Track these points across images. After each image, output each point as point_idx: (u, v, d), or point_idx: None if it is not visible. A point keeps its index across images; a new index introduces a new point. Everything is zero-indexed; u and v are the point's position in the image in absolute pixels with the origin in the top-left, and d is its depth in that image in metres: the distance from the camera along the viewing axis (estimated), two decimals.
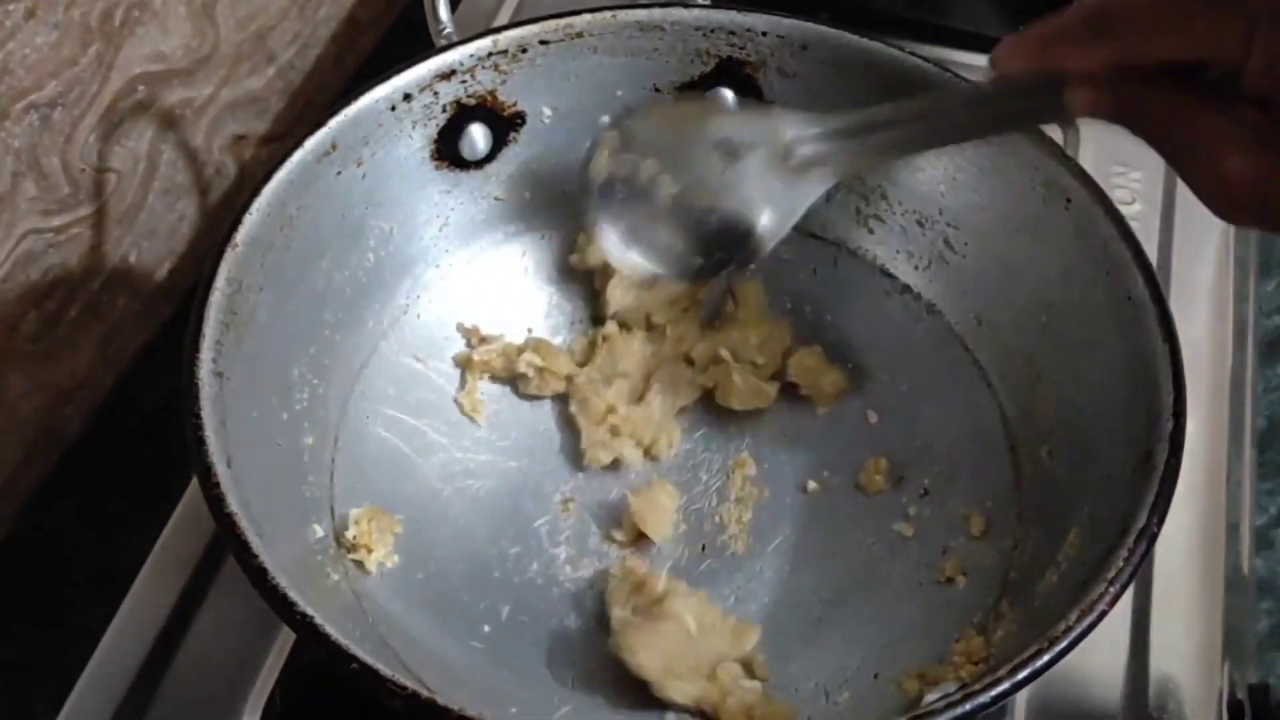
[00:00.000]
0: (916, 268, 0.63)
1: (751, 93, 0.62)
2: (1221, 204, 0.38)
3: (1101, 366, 0.54)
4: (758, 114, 0.58)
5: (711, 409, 0.62)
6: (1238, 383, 0.66)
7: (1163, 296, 0.52)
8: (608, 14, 0.60)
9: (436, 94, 0.59)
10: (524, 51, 0.60)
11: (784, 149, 0.51)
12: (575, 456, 0.61)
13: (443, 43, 0.59)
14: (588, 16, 0.60)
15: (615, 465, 0.60)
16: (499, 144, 0.62)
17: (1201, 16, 0.34)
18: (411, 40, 0.60)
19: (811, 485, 0.60)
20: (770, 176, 0.53)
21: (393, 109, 0.58)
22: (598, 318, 0.64)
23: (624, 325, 0.63)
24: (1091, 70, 0.39)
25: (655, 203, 0.55)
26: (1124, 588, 0.44)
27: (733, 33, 0.61)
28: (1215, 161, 0.37)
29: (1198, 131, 0.37)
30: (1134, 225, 0.54)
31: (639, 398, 0.61)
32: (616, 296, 0.63)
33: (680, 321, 0.63)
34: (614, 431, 0.60)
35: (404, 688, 0.41)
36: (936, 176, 0.61)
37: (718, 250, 0.55)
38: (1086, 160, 0.64)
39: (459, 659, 0.53)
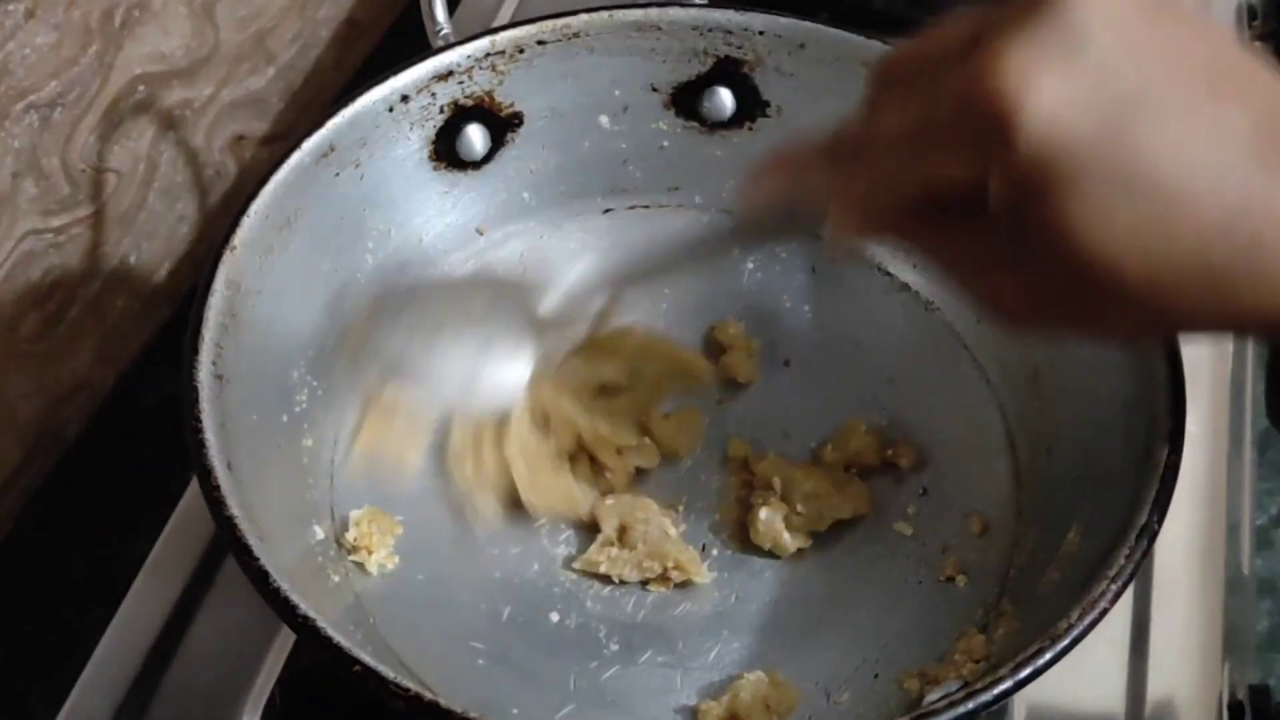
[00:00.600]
0: (915, 266, 0.63)
1: (749, 92, 0.62)
2: (999, 320, 0.38)
3: (1101, 365, 0.54)
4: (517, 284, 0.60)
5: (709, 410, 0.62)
6: (1238, 383, 0.66)
7: None
8: (605, 14, 0.60)
9: (434, 95, 0.59)
10: (521, 52, 0.60)
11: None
12: None
13: (440, 44, 0.59)
14: (585, 16, 0.60)
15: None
16: (497, 144, 0.62)
17: (940, 149, 0.34)
18: (412, 41, 0.60)
19: None
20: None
21: (390, 110, 0.58)
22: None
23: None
24: (849, 198, 0.39)
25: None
26: (1125, 586, 0.44)
27: (730, 32, 0.61)
28: (981, 282, 0.37)
29: (962, 254, 0.38)
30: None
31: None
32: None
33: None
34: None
35: (406, 690, 0.41)
36: None
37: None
38: None
39: (460, 660, 0.53)
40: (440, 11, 0.60)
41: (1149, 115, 0.32)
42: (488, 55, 0.59)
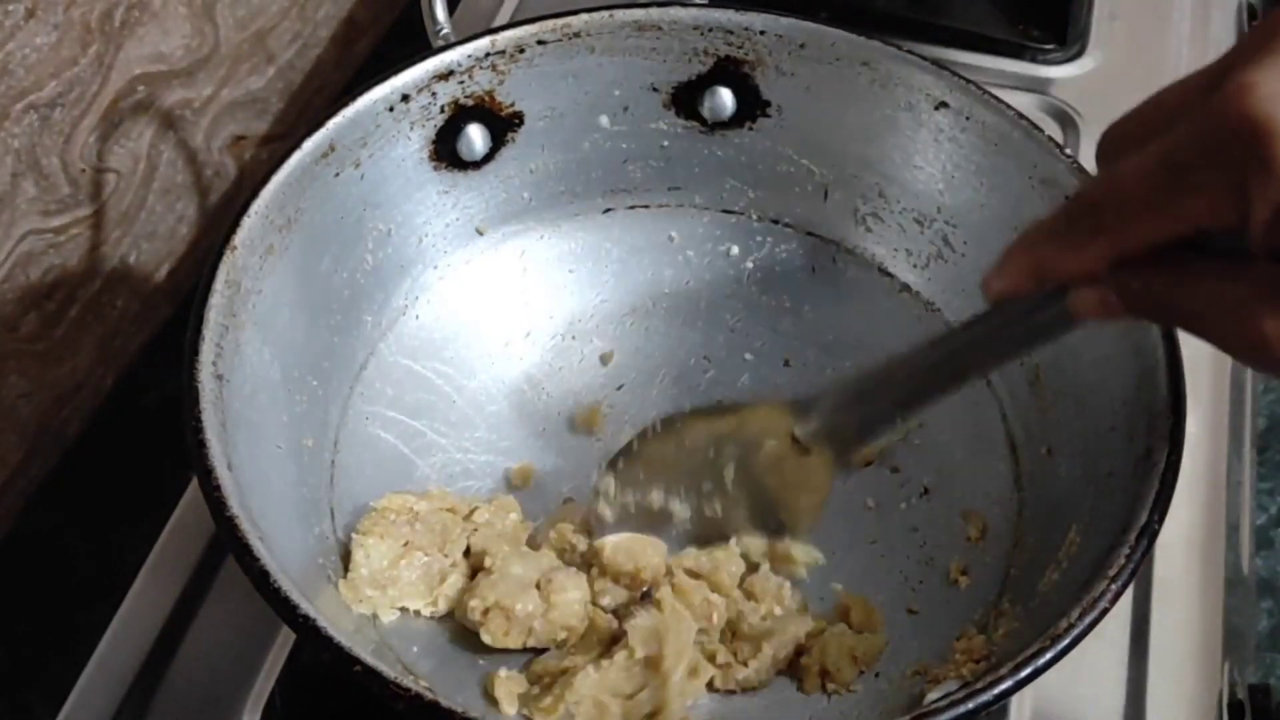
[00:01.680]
0: (915, 266, 0.63)
1: (749, 92, 0.62)
2: (1266, 366, 0.36)
3: (1101, 364, 0.54)
4: (750, 410, 0.57)
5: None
6: (1238, 383, 0.66)
7: None
8: (605, 14, 0.60)
9: (434, 95, 0.59)
10: (521, 52, 0.60)
11: (788, 429, 0.51)
12: (575, 457, 0.61)
13: (440, 43, 0.59)
14: (585, 16, 0.60)
15: None
16: (497, 144, 0.62)
17: (1189, 189, 0.33)
18: (412, 41, 0.60)
19: None
20: (780, 466, 0.53)
21: (390, 110, 0.58)
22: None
23: None
24: (1090, 273, 0.37)
25: (673, 532, 0.56)
26: (1125, 585, 0.45)
27: (730, 31, 0.61)
28: (1245, 328, 0.35)
29: (1218, 304, 0.36)
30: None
31: None
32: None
33: None
34: None
35: (407, 690, 0.41)
36: (935, 175, 0.61)
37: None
38: (1086, 159, 0.64)
39: (459, 660, 0.53)
40: (440, 11, 0.60)
41: None
42: (488, 55, 0.59)
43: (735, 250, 0.66)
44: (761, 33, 0.60)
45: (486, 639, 0.52)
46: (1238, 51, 0.33)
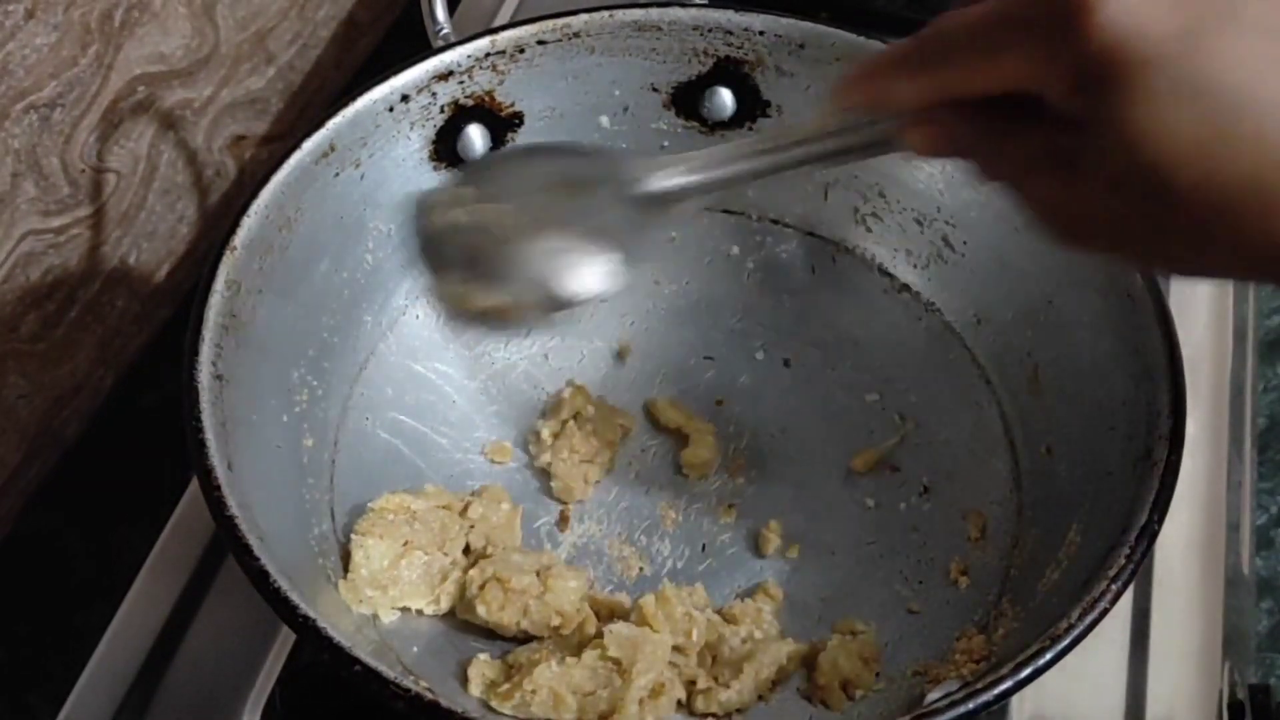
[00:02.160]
0: (915, 266, 0.63)
1: (749, 92, 0.62)
2: (1043, 230, 0.38)
3: (1101, 365, 0.54)
4: (602, 155, 0.57)
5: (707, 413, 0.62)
6: (1238, 383, 0.66)
7: (1162, 295, 0.52)
8: (605, 14, 0.60)
9: (434, 95, 0.59)
10: (521, 52, 0.60)
11: (629, 183, 0.49)
12: None
13: (440, 43, 0.59)
14: (585, 17, 0.60)
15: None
16: (497, 144, 0.62)
17: (1008, 45, 0.35)
18: (412, 41, 0.60)
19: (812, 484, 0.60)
20: (617, 209, 0.50)
21: (390, 110, 0.58)
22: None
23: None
24: (920, 105, 0.39)
25: (497, 238, 0.51)
26: (1125, 585, 0.45)
27: (730, 32, 0.61)
28: (1029, 185, 0.37)
29: (1015, 158, 0.37)
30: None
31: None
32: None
33: None
34: None
35: (407, 690, 0.41)
36: (935, 174, 0.61)
37: (569, 281, 0.50)
38: None
39: (460, 659, 0.53)
40: (440, 11, 0.60)
41: (1230, 28, 0.32)
42: (488, 55, 0.59)
43: (735, 250, 0.66)
44: (761, 33, 0.60)
45: (481, 612, 0.52)
46: None
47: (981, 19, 0.35)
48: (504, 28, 0.60)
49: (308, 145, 0.55)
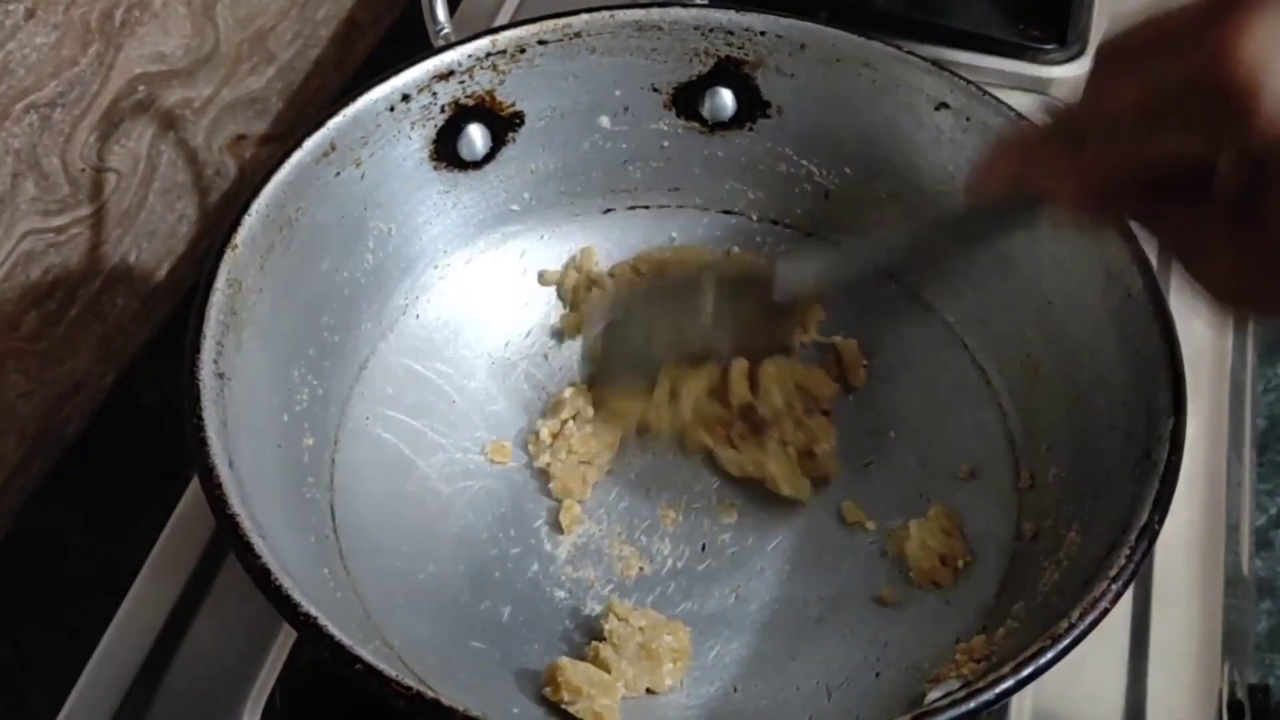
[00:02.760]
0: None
1: (749, 92, 0.62)
2: (1215, 303, 0.38)
3: (1101, 365, 0.54)
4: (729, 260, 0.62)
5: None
6: (1238, 383, 0.66)
7: (1162, 295, 0.52)
8: (606, 14, 0.60)
9: (435, 94, 0.59)
10: (522, 52, 0.60)
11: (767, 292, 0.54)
12: None
13: (441, 43, 0.59)
14: (586, 16, 0.60)
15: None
16: (497, 144, 0.62)
17: (1171, 126, 0.34)
18: (412, 41, 0.60)
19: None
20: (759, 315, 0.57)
21: (391, 110, 0.58)
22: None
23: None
24: (1067, 187, 0.39)
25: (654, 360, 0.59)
26: (1126, 585, 0.45)
27: (731, 32, 0.61)
28: (1201, 264, 0.37)
29: (1178, 235, 0.38)
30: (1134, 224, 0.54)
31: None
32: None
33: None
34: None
35: (408, 688, 0.41)
36: (935, 175, 0.61)
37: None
38: None
39: (460, 659, 0.53)
40: (441, 11, 0.60)
41: None
42: (489, 55, 0.59)
43: (735, 251, 0.66)
44: (762, 33, 0.60)
45: None
46: None
47: (1136, 99, 0.35)
48: (505, 27, 0.60)
49: (308, 145, 0.55)
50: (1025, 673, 0.43)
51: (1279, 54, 0.31)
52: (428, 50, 0.59)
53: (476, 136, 0.61)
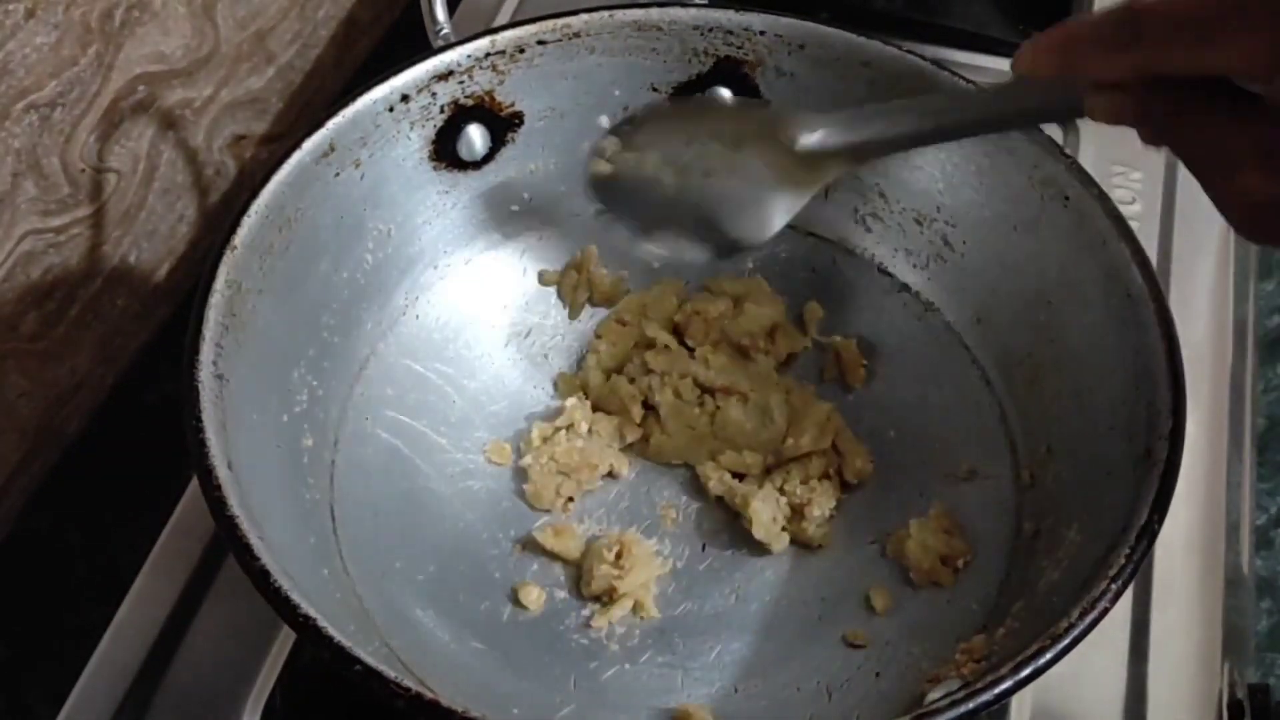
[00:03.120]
0: (915, 266, 0.63)
1: (749, 92, 0.62)
2: (1238, 220, 0.38)
3: (1101, 365, 0.54)
4: (758, 107, 0.59)
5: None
6: (1238, 383, 0.66)
7: (1162, 295, 0.52)
8: (605, 14, 0.60)
9: (434, 95, 0.59)
10: (521, 52, 0.60)
11: (788, 138, 0.51)
12: None
13: (440, 43, 0.59)
14: (585, 16, 0.60)
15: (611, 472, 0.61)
16: (497, 144, 0.62)
17: (1228, 32, 0.34)
18: (413, 41, 0.60)
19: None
20: (776, 163, 0.52)
21: (390, 110, 0.58)
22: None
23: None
24: (1115, 78, 0.38)
25: (660, 193, 0.55)
26: (1125, 585, 0.45)
27: (730, 32, 0.61)
28: (1233, 178, 0.37)
29: (1218, 147, 0.37)
30: (1134, 225, 0.54)
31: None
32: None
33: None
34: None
35: (407, 689, 0.41)
36: (934, 175, 0.61)
37: (729, 232, 0.54)
38: (1086, 159, 0.64)
39: (460, 660, 0.53)
40: (440, 11, 0.60)
41: None
42: (488, 55, 0.59)
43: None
44: (761, 33, 0.60)
45: None
46: None
47: (1201, 5, 0.35)
48: (504, 28, 0.60)
49: (308, 145, 0.55)
50: (1024, 673, 0.43)
51: None
52: (427, 50, 0.59)
53: (476, 137, 0.61)
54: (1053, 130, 0.73)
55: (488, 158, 0.62)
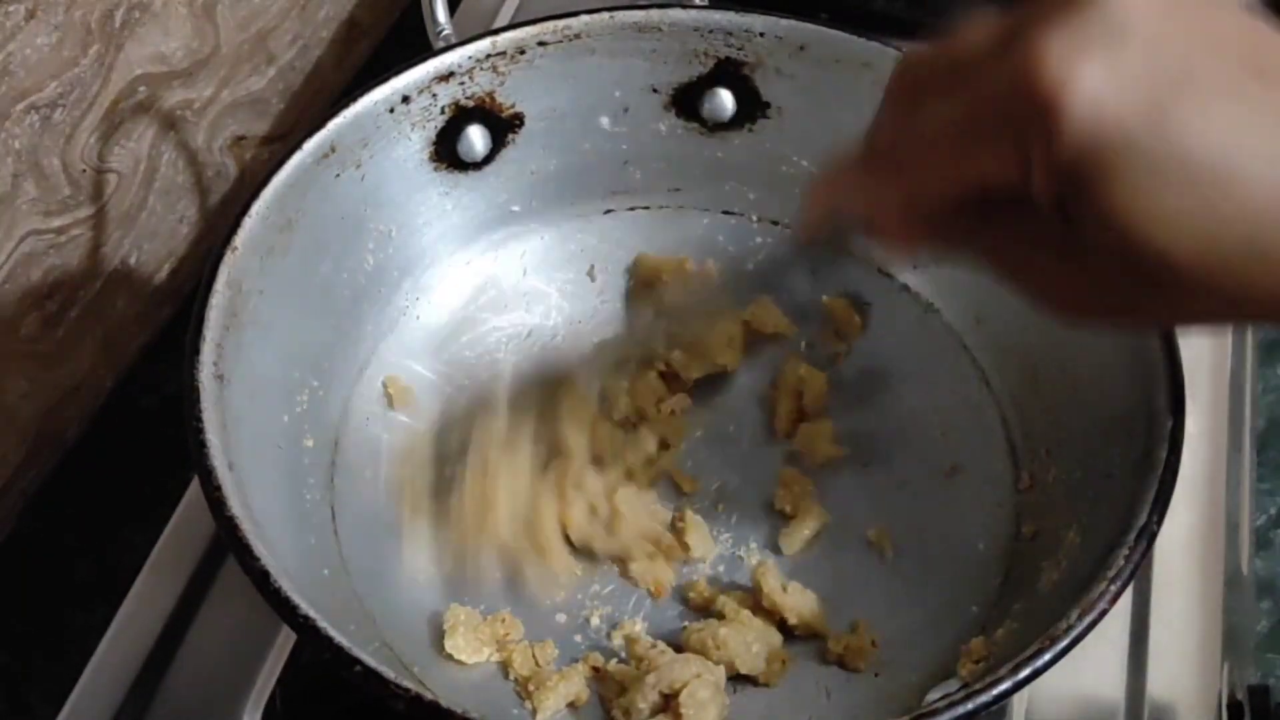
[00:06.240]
0: (915, 267, 0.63)
1: (749, 94, 0.62)
2: (1043, 309, 0.38)
3: (1100, 365, 0.54)
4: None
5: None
6: (1237, 383, 0.66)
7: None
8: (605, 15, 0.60)
9: (435, 96, 0.59)
10: (522, 53, 0.60)
11: None
12: None
13: (441, 44, 0.59)
14: (585, 18, 0.60)
15: None
16: (497, 145, 0.62)
17: (979, 148, 0.34)
18: (413, 42, 0.60)
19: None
20: None
21: (391, 111, 0.58)
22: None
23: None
24: (883, 215, 0.39)
25: None
26: (1124, 586, 0.45)
27: (730, 33, 0.61)
28: (1032, 281, 0.38)
29: (1006, 255, 0.38)
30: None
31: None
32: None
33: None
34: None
35: (407, 690, 0.41)
36: None
37: None
38: None
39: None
40: (441, 12, 0.60)
41: (1194, 98, 0.32)
42: (489, 56, 0.59)
43: (735, 251, 0.65)
44: (761, 34, 0.61)
45: None
46: (1036, 5, 0.33)
47: (943, 125, 0.35)
48: (505, 29, 0.60)
49: (308, 146, 0.55)
50: (1023, 674, 0.43)
51: (1075, 65, 0.31)
52: (428, 51, 0.59)
53: (476, 138, 0.61)
54: None
55: (488, 159, 0.62)
